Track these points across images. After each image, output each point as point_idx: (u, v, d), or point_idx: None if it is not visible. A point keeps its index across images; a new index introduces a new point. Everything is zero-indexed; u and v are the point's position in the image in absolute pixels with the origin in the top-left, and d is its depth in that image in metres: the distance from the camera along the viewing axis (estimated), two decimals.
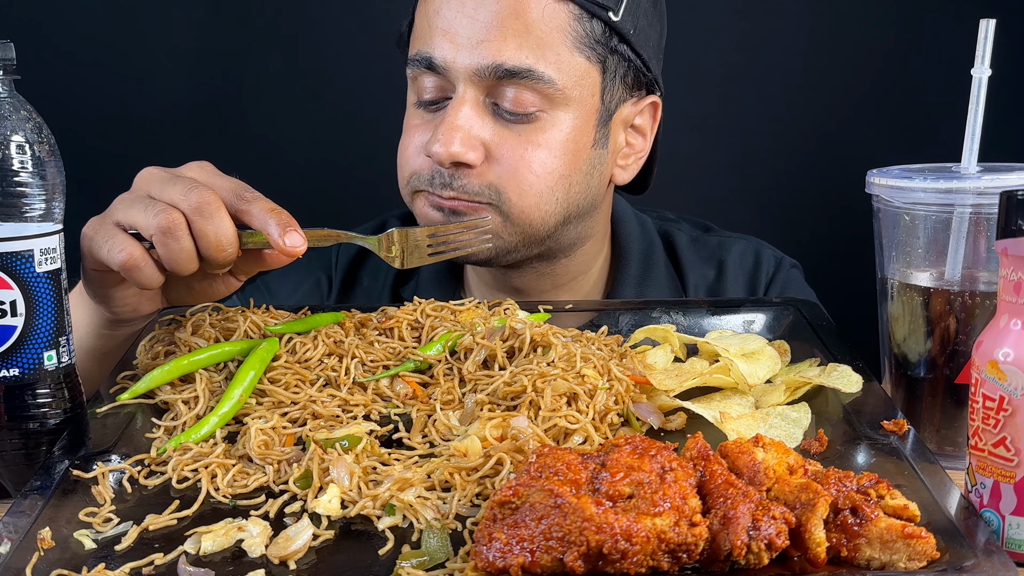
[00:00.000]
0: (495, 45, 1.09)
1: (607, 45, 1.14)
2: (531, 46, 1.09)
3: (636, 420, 0.89)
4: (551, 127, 1.13)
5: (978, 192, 0.86)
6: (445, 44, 1.10)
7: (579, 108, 1.14)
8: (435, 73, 1.12)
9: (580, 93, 1.13)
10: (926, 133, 1.69)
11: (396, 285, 1.36)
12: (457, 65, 1.10)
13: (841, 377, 0.92)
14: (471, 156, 1.11)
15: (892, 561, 0.64)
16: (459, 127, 1.11)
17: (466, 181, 1.12)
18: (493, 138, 1.12)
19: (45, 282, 0.83)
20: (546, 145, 1.13)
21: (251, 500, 0.77)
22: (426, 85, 1.15)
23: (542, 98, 1.11)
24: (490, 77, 1.10)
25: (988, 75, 0.89)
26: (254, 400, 0.91)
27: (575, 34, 1.11)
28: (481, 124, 1.12)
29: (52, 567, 0.67)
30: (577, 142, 1.15)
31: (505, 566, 0.61)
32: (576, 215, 1.20)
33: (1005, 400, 0.70)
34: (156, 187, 0.92)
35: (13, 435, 0.83)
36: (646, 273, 1.32)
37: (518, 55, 1.09)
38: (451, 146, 1.10)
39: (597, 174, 1.20)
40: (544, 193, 1.14)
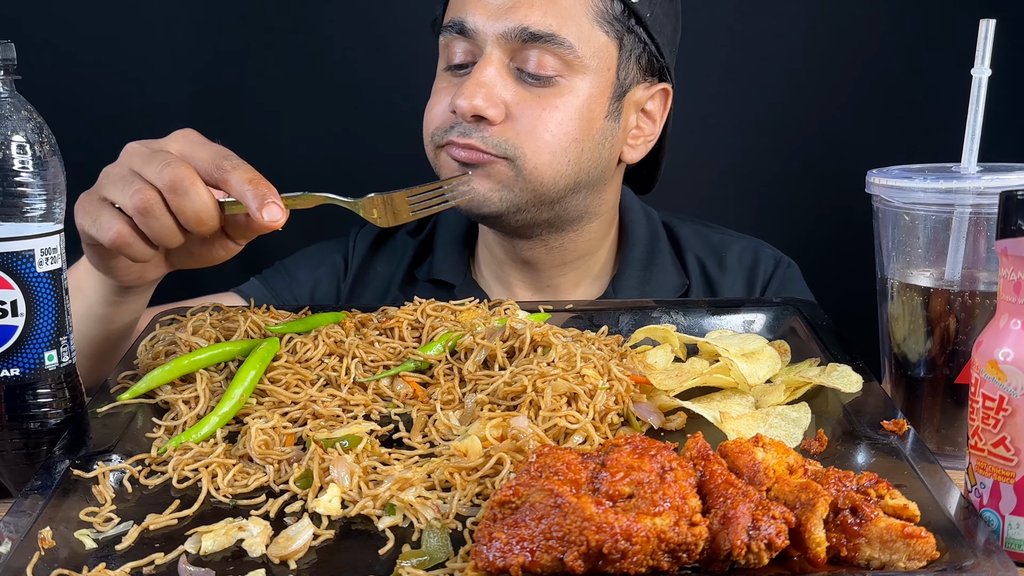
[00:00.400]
0: (522, 11, 1.17)
1: (625, 24, 1.22)
2: (555, 14, 1.18)
3: (636, 420, 0.89)
4: (568, 92, 1.20)
5: (978, 192, 0.86)
6: (477, 11, 1.19)
7: (595, 78, 1.21)
8: (465, 38, 1.21)
9: (597, 64, 1.21)
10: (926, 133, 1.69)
11: (411, 267, 1.41)
12: (486, 29, 1.18)
13: (841, 377, 0.92)
14: (492, 112, 1.18)
15: (892, 561, 0.64)
16: (483, 83, 1.18)
17: (485, 134, 1.19)
18: (514, 98, 1.19)
19: (46, 282, 0.83)
20: (563, 108, 1.20)
21: (252, 500, 0.77)
22: (455, 50, 1.23)
23: (562, 63, 1.19)
24: (516, 40, 1.18)
25: (988, 75, 0.89)
26: (254, 400, 0.91)
27: (596, 9, 1.20)
28: (504, 84, 1.19)
29: (53, 567, 0.67)
30: (592, 109, 1.22)
31: (505, 566, 0.61)
32: (586, 184, 1.26)
33: (1005, 400, 0.70)
34: (136, 162, 0.91)
35: (14, 435, 0.83)
36: (651, 259, 1.36)
37: (543, 20, 1.17)
38: (474, 99, 1.17)
39: (608, 146, 1.26)
40: (557, 153, 1.20)
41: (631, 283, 1.34)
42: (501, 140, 1.18)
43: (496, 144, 1.18)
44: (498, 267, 1.36)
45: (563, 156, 1.21)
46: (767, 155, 2.03)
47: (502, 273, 1.36)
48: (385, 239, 1.44)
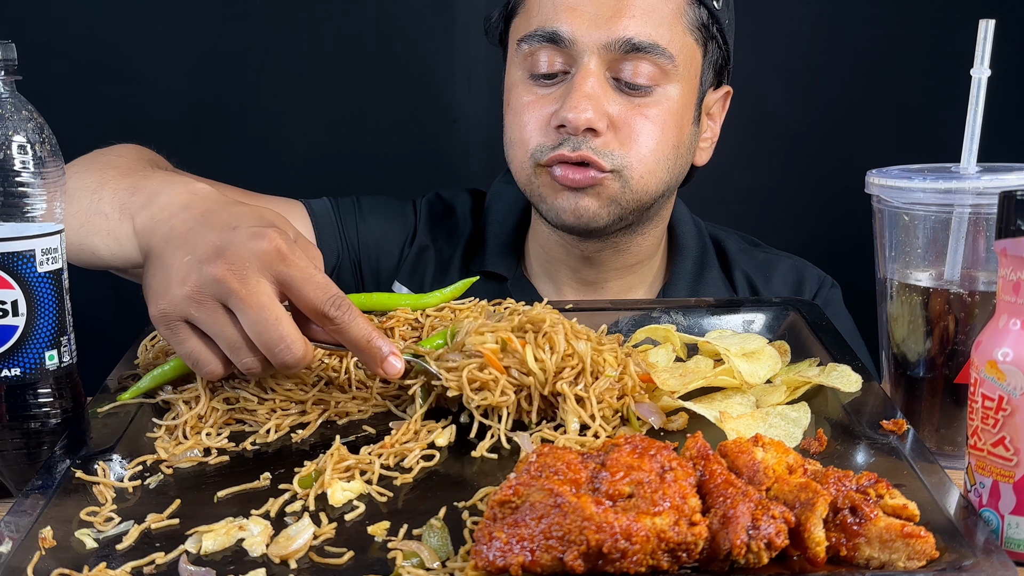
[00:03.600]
0: (624, 21, 1.17)
1: (709, 30, 1.24)
2: (654, 23, 1.18)
3: (636, 420, 0.89)
4: (663, 100, 1.21)
5: (977, 192, 0.86)
6: (573, 19, 1.17)
7: (686, 85, 1.22)
8: (557, 47, 1.19)
9: (687, 71, 1.22)
10: (926, 133, 1.69)
11: (465, 255, 1.40)
12: (586, 39, 1.17)
13: (841, 377, 0.92)
14: (600, 124, 1.18)
15: (891, 560, 0.64)
16: (591, 95, 1.17)
17: (595, 146, 1.18)
18: (615, 109, 1.19)
19: (46, 282, 0.83)
20: (659, 118, 1.21)
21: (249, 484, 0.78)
22: (542, 59, 1.21)
23: (659, 72, 1.19)
24: (617, 51, 1.17)
25: (988, 75, 0.89)
26: (255, 399, 0.92)
27: (688, 16, 1.21)
28: (605, 95, 1.19)
29: (53, 566, 0.67)
30: (683, 116, 1.23)
31: (505, 565, 0.61)
32: (672, 188, 1.28)
33: (1004, 400, 0.70)
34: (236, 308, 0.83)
35: (15, 434, 0.83)
36: (701, 271, 1.37)
37: (644, 30, 1.17)
38: (585, 112, 1.16)
39: (693, 149, 1.29)
40: (660, 161, 1.22)
41: (681, 294, 1.34)
42: (608, 152, 1.18)
43: (606, 155, 1.18)
44: (551, 265, 1.35)
45: (664, 164, 1.22)
46: (767, 155, 2.03)
47: (554, 271, 1.35)
48: (446, 215, 1.43)
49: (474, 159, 2.02)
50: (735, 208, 2.05)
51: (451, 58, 1.98)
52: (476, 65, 1.97)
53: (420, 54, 1.97)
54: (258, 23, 1.96)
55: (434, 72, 1.97)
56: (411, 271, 1.39)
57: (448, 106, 1.99)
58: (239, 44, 1.96)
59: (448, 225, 1.42)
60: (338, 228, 1.38)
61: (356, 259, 1.39)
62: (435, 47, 1.97)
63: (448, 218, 1.43)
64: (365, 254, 1.40)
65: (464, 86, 1.98)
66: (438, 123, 2.00)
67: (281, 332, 0.83)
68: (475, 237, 1.40)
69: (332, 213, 1.38)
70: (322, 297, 0.84)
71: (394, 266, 1.40)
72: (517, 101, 1.24)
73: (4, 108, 0.81)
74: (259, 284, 0.83)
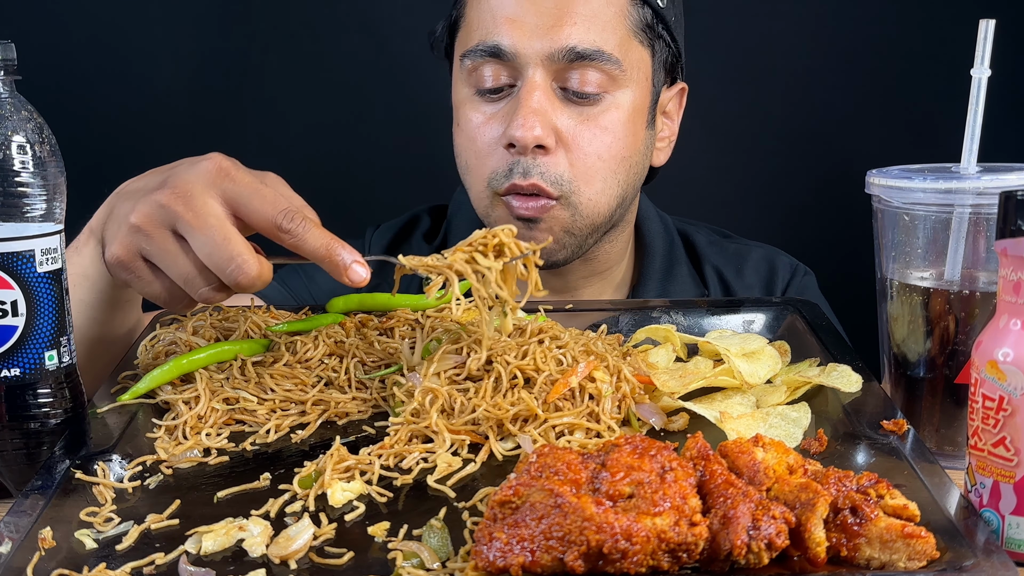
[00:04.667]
0: (565, 30, 1.14)
1: (655, 30, 1.21)
2: (597, 29, 1.15)
3: (637, 420, 0.89)
4: (614, 108, 1.18)
5: (978, 192, 0.86)
6: (514, 32, 1.14)
7: (637, 89, 1.20)
8: (500, 61, 1.16)
9: (637, 75, 1.19)
10: (926, 133, 1.69)
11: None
12: (528, 51, 1.14)
13: (841, 377, 0.92)
14: (549, 140, 1.15)
15: (892, 561, 0.64)
16: (537, 110, 1.15)
17: (544, 169, 1.16)
18: (563, 123, 1.17)
19: (46, 282, 0.83)
20: (611, 127, 1.18)
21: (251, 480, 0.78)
22: (486, 74, 1.18)
23: (607, 79, 1.16)
24: (561, 61, 1.14)
25: (988, 75, 0.89)
26: (255, 399, 0.91)
27: (631, 18, 1.18)
28: (553, 108, 1.16)
29: (53, 567, 0.67)
30: (636, 123, 1.21)
31: (505, 566, 0.61)
32: (630, 196, 1.25)
33: (1005, 400, 0.70)
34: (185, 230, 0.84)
35: (14, 435, 0.83)
36: (670, 269, 1.35)
37: (588, 37, 1.14)
38: (533, 130, 1.14)
39: (649, 154, 1.27)
40: (608, 177, 1.19)
41: (651, 294, 1.33)
42: (557, 175, 1.16)
43: (554, 180, 1.16)
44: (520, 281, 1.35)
45: (613, 178, 1.19)
46: (767, 155, 2.03)
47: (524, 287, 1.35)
48: (399, 242, 1.42)
49: None
50: (735, 208, 2.05)
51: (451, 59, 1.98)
52: None
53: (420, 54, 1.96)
54: (258, 23, 1.96)
55: (434, 73, 1.97)
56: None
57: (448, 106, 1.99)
58: (239, 44, 1.96)
59: (407, 247, 1.41)
60: (292, 301, 1.37)
61: None
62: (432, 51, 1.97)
63: (401, 245, 1.42)
64: None
65: None
66: (438, 124, 2.00)
67: (231, 251, 0.82)
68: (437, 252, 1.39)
69: (282, 290, 1.37)
70: (272, 210, 0.84)
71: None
72: (466, 122, 1.21)
73: (4, 108, 0.81)
74: (206, 204, 0.83)
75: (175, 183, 0.85)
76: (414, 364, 0.94)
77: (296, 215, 0.84)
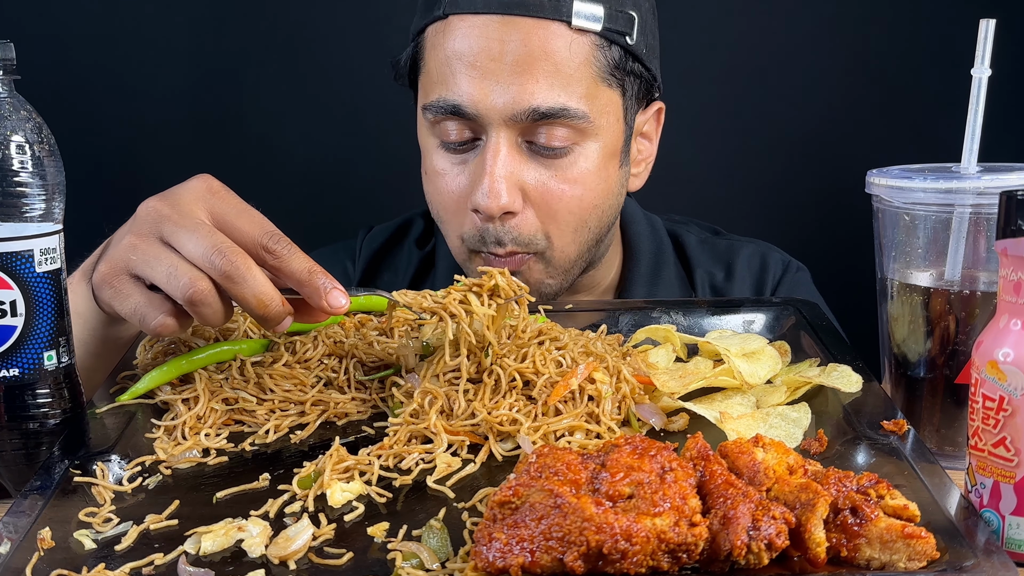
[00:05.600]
0: (528, 88, 1.09)
1: (624, 68, 1.15)
2: (561, 84, 1.09)
3: (637, 421, 0.89)
4: (582, 159, 1.14)
5: (978, 192, 0.86)
6: (473, 90, 1.09)
7: (607, 135, 1.16)
8: (462, 119, 1.12)
9: (607, 121, 1.15)
10: (926, 133, 1.69)
11: (414, 282, 1.37)
12: (490, 112, 1.10)
13: (841, 377, 0.92)
14: (517, 204, 1.13)
15: (892, 561, 0.64)
16: (502, 176, 1.11)
17: (516, 233, 1.14)
18: (531, 178, 1.13)
19: (45, 282, 0.83)
20: (580, 180, 1.15)
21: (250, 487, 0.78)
22: (450, 129, 1.14)
23: (574, 132, 1.12)
24: (525, 120, 1.10)
25: (988, 75, 0.89)
26: (255, 400, 0.91)
27: (598, 64, 1.12)
28: (519, 167, 1.13)
29: (52, 567, 0.67)
30: (608, 167, 1.17)
31: (505, 566, 0.61)
32: (604, 232, 1.23)
33: (1005, 400, 0.70)
34: (170, 232, 0.84)
35: (13, 435, 0.83)
36: (656, 272, 1.34)
37: (551, 95, 1.09)
38: (499, 199, 1.11)
39: (623, 190, 1.23)
40: (580, 228, 1.17)
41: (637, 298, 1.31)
42: (529, 236, 1.15)
43: (528, 242, 1.15)
44: None
45: (584, 228, 1.18)
46: (767, 155, 2.03)
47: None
48: (392, 246, 1.41)
49: None
50: (734, 209, 2.05)
51: None
52: None
53: None
54: (258, 23, 1.96)
55: None
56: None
57: None
58: (238, 44, 1.96)
59: (393, 257, 1.40)
60: None
61: None
62: None
63: (393, 249, 1.41)
64: None
65: None
66: None
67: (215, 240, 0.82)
68: (425, 262, 1.39)
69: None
70: (258, 229, 0.84)
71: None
72: (434, 173, 1.18)
73: (3, 108, 0.81)
74: (194, 213, 0.84)
75: (166, 197, 0.87)
76: (412, 366, 0.94)
77: (282, 237, 0.85)
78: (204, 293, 0.83)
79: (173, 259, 0.84)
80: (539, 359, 0.90)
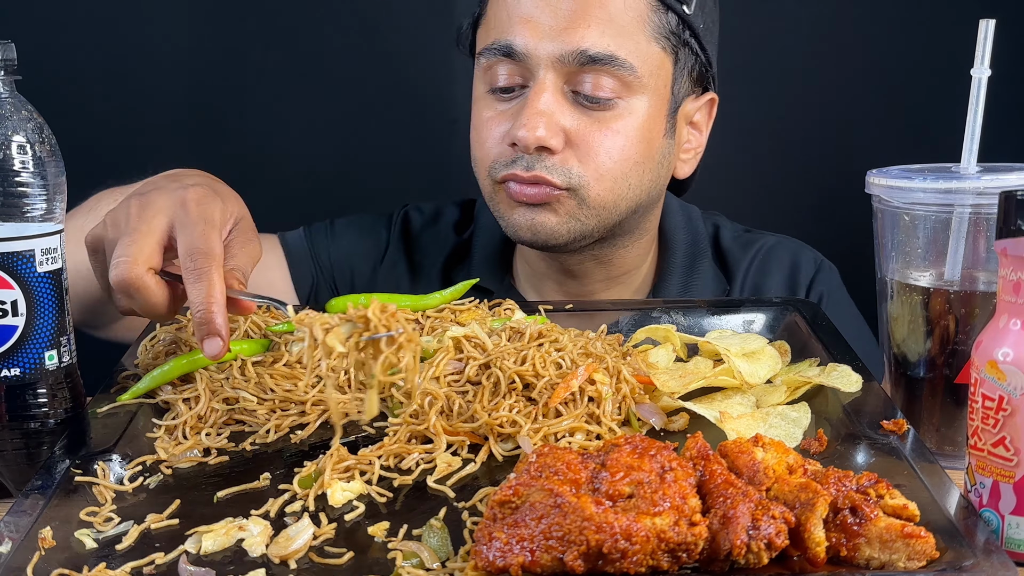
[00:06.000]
0: (579, 32, 1.12)
1: (680, 37, 1.18)
2: (612, 33, 1.12)
3: (637, 420, 0.89)
4: (627, 114, 1.16)
5: (978, 192, 0.86)
6: (527, 32, 1.13)
7: (653, 96, 1.17)
8: (513, 61, 1.15)
9: (655, 82, 1.17)
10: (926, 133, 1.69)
11: (447, 266, 1.38)
12: (539, 52, 1.13)
13: (841, 377, 0.92)
14: (554, 141, 1.13)
15: (892, 561, 0.64)
16: (543, 112, 1.13)
17: (548, 163, 1.15)
18: (572, 124, 1.14)
19: (46, 282, 0.83)
20: (623, 132, 1.16)
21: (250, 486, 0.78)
22: (500, 72, 1.17)
23: (620, 84, 1.14)
24: (573, 63, 1.12)
25: (988, 75, 0.89)
26: (255, 399, 0.91)
27: (652, 24, 1.15)
28: (561, 111, 1.14)
29: (53, 566, 0.67)
30: (651, 130, 1.18)
31: (505, 565, 0.61)
32: (645, 203, 1.23)
33: (1004, 400, 0.70)
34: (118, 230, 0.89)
35: (14, 434, 0.83)
36: (692, 264, 1.33)
37: (601, 41, 1.12)
38: (536, 131, 1.12)
39: (666, 163, 1.24)
40: (619, 179, 1.17)
41: (672, 292, 1.31)
42: (565, 169, 1.15)
43: (561, 173, 1.14)
44: (536, 279, 1.33)
45: (624, 181, 1.17)
46: (767, 155, 2.03)
47: (539, 284, 1.33)
48: (426, 228, 1.41)
49: None
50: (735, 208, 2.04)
51: (451, 58, 1.97)
52: None
53: (420, 54, 1.97)
54: (257, 23, 1.96)
55: (434, 72, 1.97)
56: (386, 289, 1.37)
57: (448, 106, 1.99)
58: (238, 44, 1.96)
59: (427, 238, 1.40)
60: (310, 256, 1.38)
61: (331, 281, 1.39)
62: (435, 47, 1.97)
63: (428, 230, 1.41)
64: (339, 275, 1.39)
65: (464, 86, 1.98)
66: (438, 123, 2.00)
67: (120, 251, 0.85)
68: (459, 249, 1.38)
69: (305, 243, 1.38)
70: (189, 244, 0.85)
71: (367, 285, 1.38)
72: (478, 117, 1.21)
73: (4, 108, 0.81)
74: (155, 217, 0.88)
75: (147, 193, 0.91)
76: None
77: (204, 260, 0.84)
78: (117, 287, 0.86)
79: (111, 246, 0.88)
80: (539, 361, 0.90)
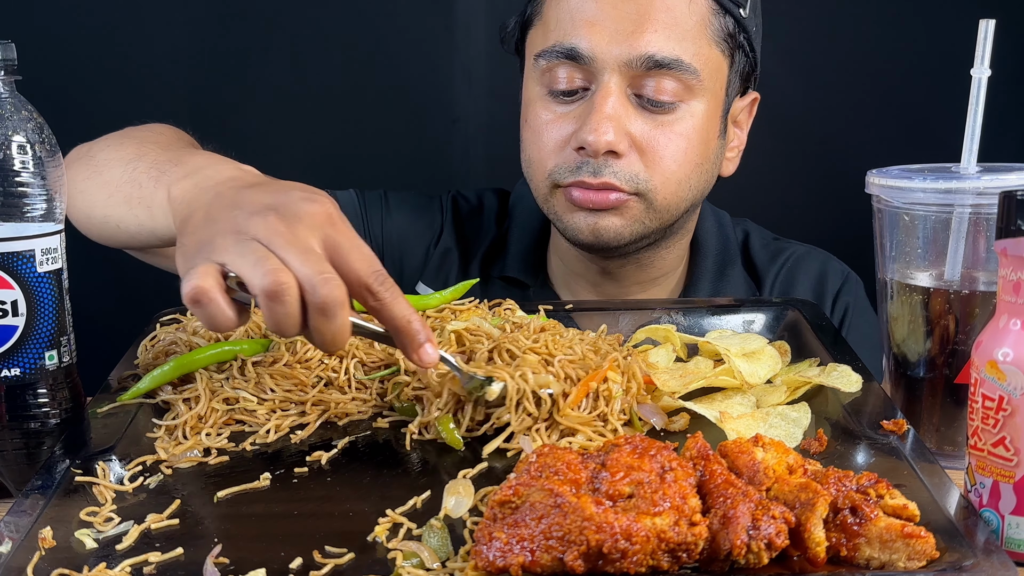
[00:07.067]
0: (646, 37, 1.12)
1: (736, 39, 1.19)
2: (677, 37, 1.13)
3: (638, 420, 0.89)
4: (689, 117, 1.16)
5: (978, 192, 0.86)
6: (592, 35, 1.13)
7: (711, 98, 1.18)
8: (576, 63, 1.15)
9: (713, 84, 1.18)
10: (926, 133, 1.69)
11: (486, 260, 1.37)
12: (606, 56, 1.13)
13: (841, 377, 0.92)
14: (622, 146, 1.14)
15: (891, 560, 0.64)
16: (611, 116, 1.13)
17: (617, 169, 1.15)
18: (637, 128, 1.15)
19: (46, 282, 0.84)
20: (685, 135, 1.16)
21: None
22: (560, 75, 1.16)
23: (683, 88, 1.15)
24: (639, 68, 1.13)
25: (988, 75, 0.89)
26: (255, 399, 0.92)
27: (713, 27, 1.16)
28: (627, 115, 1.14)
29: (53, 566, 0.67)
30: (708, 131, 1.19)
31: (505, 565, 0.61)
32: (697, 203, 1.25)
33: (1004, 400, 0.70)
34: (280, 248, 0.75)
35: (14, 434, 0.83)
36: (723, 270, 1.33)
37: (668, 46, 1.12)
38: (606, 135, 1.12)
39: (719, 163, 1.25)
40: (683, 181, 1.18)
41: (702, 295, 1.30)
42: (632, 174, 1.15)
43: (629, 179, 1.15)
44: (571, 278, 1.33)
45: (687, 183, 1.18)
46: (767, 155, 2.03)
47: (573, 283, 1.33)
48: (472, 216, 1.40)
49: (474, 159, 2.02)
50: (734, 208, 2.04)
51: (451, 58, 1.98)
52: (476, 65, 1.97)
53: (420, 54, 1.97)
54: (257, 23, 1.96)
55: (434, 72, 1.97)
56: (435, 273, 1.36)
57: (448, 106, 1.99)
58: (238, 44, 1.96)
59: (473, 227, 1.39)
60: (362, 220, 1.36)
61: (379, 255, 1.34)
62: (435, 47, 1.97)
63: (473, 219, 1.40)
64: (388, 251, 1.37)
65: (464, 86, 1.98)
66: (438, 123, 2.00)
67: (324, 267, 0.75)
68: (497, 241, 1.38)
69: (357, 205, 1.36)
70: (367, 268, 0.78)
71: (418, 266, 1.37)
72: (535, 119, 1.20)
73: (4, 108, 0.81)
74: (308, 238, 0.76)
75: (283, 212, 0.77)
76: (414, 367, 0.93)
77: (388, 280, 0.79)
78: (287, 288, 0.74)
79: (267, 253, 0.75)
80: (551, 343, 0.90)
